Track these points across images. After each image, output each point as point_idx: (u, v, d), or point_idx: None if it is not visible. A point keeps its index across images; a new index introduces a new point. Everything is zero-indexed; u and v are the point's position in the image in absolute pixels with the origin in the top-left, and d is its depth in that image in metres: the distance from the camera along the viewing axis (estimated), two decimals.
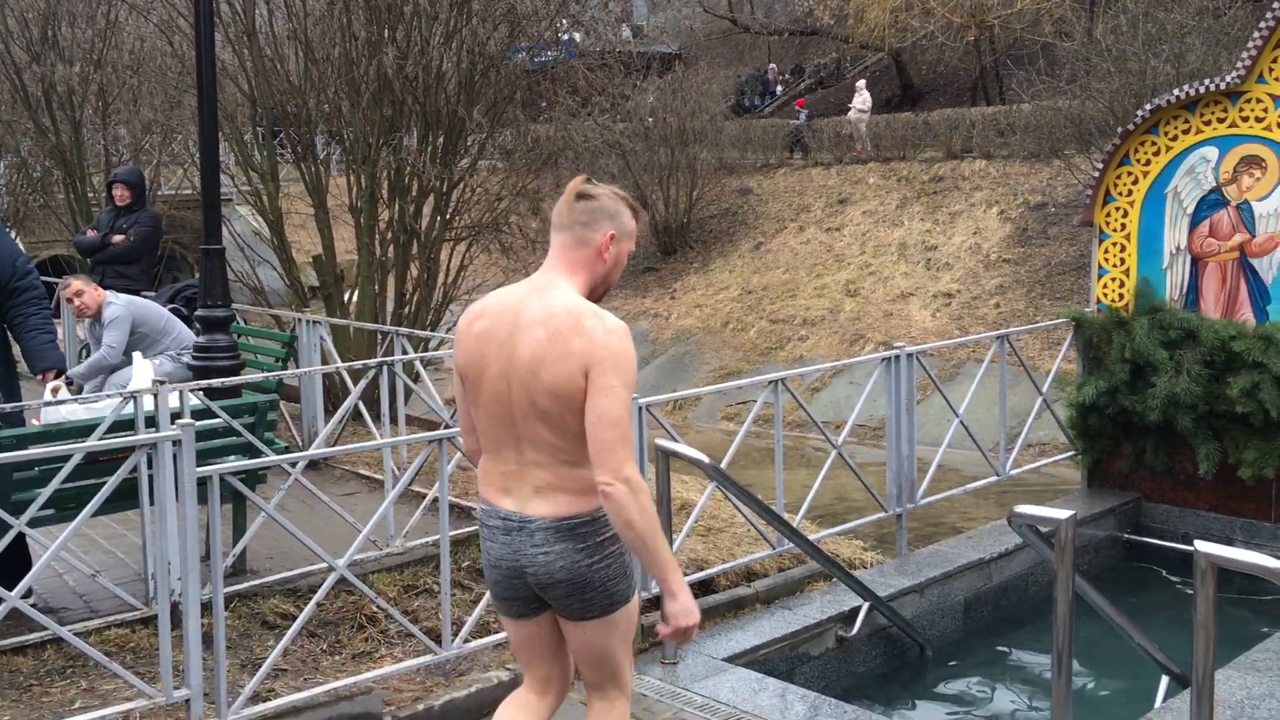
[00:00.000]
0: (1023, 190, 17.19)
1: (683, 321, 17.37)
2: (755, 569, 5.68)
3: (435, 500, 4.48)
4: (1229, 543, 6.66)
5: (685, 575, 5.26)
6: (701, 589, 5.41)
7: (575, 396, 2.63)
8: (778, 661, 5.02)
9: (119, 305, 6.55)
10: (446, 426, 5.37)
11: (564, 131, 9.30)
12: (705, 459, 4.58)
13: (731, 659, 4.78)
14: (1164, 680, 4.63)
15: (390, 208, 9.12)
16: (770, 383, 5.76)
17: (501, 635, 4.44)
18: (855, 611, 5.34)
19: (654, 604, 4.75)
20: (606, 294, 2.91)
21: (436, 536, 4.51)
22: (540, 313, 2.70)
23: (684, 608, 2.71)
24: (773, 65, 29.75)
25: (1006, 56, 22.81)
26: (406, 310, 9.27)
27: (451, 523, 4.46)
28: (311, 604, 3.99)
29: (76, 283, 6.67)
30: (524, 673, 2.99)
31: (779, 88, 29.43)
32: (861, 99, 21.93)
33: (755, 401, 5.70)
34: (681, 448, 4.63)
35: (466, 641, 4.35)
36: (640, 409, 4.92)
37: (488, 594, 3.62)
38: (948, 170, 18.60)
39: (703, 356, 16.17)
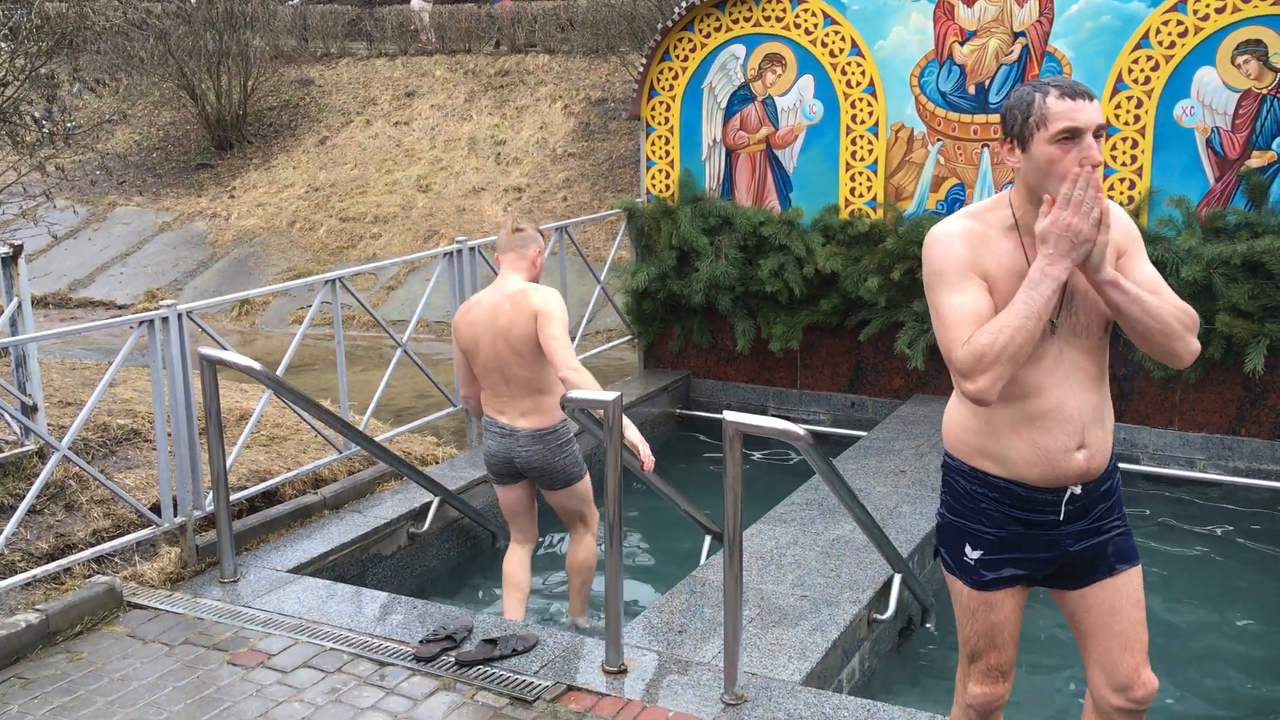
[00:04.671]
0: (584, 85, 17.67)
1: (245, 222, 16.29)
2: (323, 475, 5.52)
3: None
4: (763, 411, 7.41)
5: (246, 487, 5.03)
6: (265, 500, 5.18)
7: (533, 337, 4.24)
8: (349, 566, 4.93)
9: None
10: None
11: (77, 8, 8.19)
12: (257, 365, 4.33)
13: (298, 569, 4.63)
14: (707, 540, 5.07)
15: None
16: (327, 282, 5.54)
17: (28, 575, 4.03)
18: (427, 507, 5.36)
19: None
20: (535, 279, 4.49)
21: None
22: (504, 297, 4.35)
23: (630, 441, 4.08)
24: None
25: None
26: None
27: None
28: None
29: None
30: (510, 527, 4.70)
31: None
32: None
33: (317, 303, 5.46)
34: (229, 355, 4.34)
35: None
36: (180, 316, 4.53)
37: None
38: (513, 64, 18.70)
39: (269, 258, 15.30)
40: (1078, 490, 2.63)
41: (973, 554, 2.71)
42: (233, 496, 4.75)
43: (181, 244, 16.05)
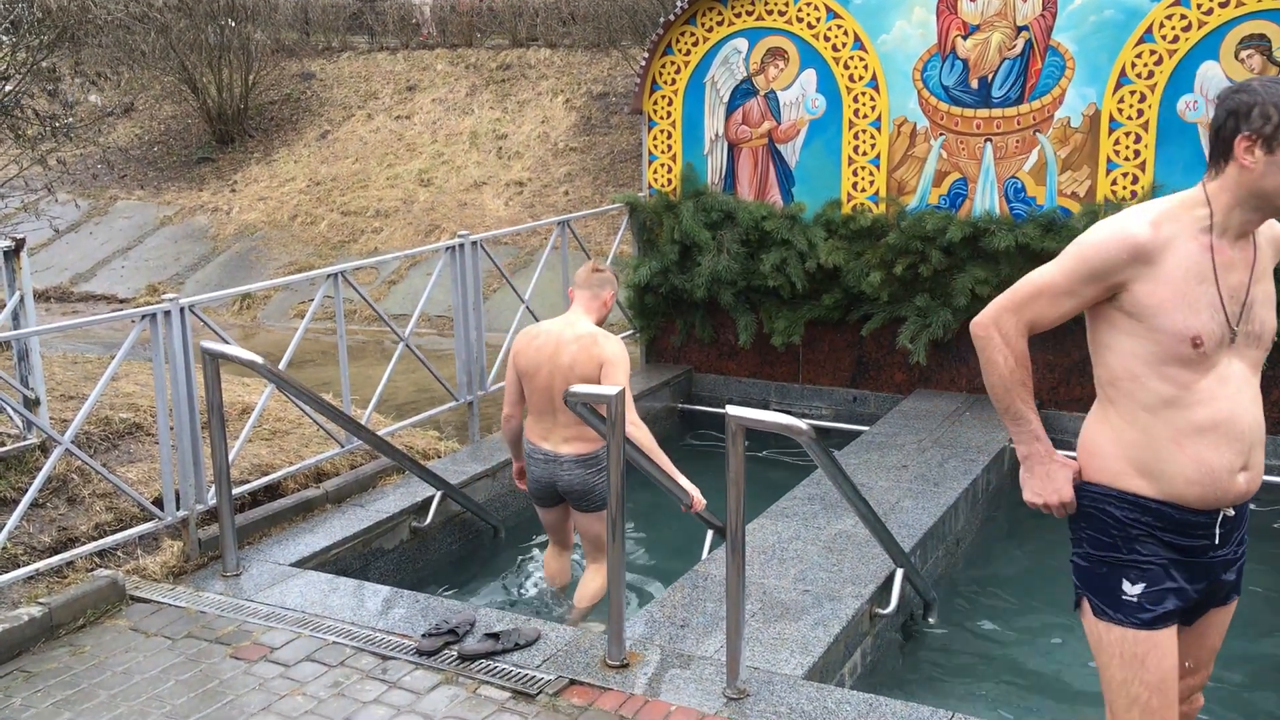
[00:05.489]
0: (586, 80, 17.65)
1: (246, 216, 16.28)
2: (325, 469, 5.52)
3: None
4: (765, 405, 7.40)
5: (248, 481, 5.03)
6: (268, 494, 5.18)
7: (594, 380, 4.36)
8: (351, 560, 4.94)
9: None
10: None
11: (79, 2, 8.16)
12: (259, 359, 4.33)
13: (300, 563, 4.64)
14: (709, 534, 5.07)
15: None
16: (329, 276, 5.53)
17: (30, 569, 4.04)
18: (429, 501, 5.36)
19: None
20: (603, 320, 4.70)
21: None
22: (574, 337, 4.49)
23: (685, 489, 4.45)
24: None
25: None
26: None
27: None
28: None
29: None
30: (550, 539, 5.01)
31: None
32: None
33: (319, 297, 5.45)
34: (230, 349, 4.34)
35: None
36: (182, 310, 4.53)
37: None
38: (515, 58, 18.67)
39: (270, 252, 15.30)
40: (1230, 513, 2.48)
41: (1133, 589, 2.48)
42: (235, 490, 4.75)
43: (183, 238, 16.05)
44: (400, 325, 6.10)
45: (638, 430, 4.35)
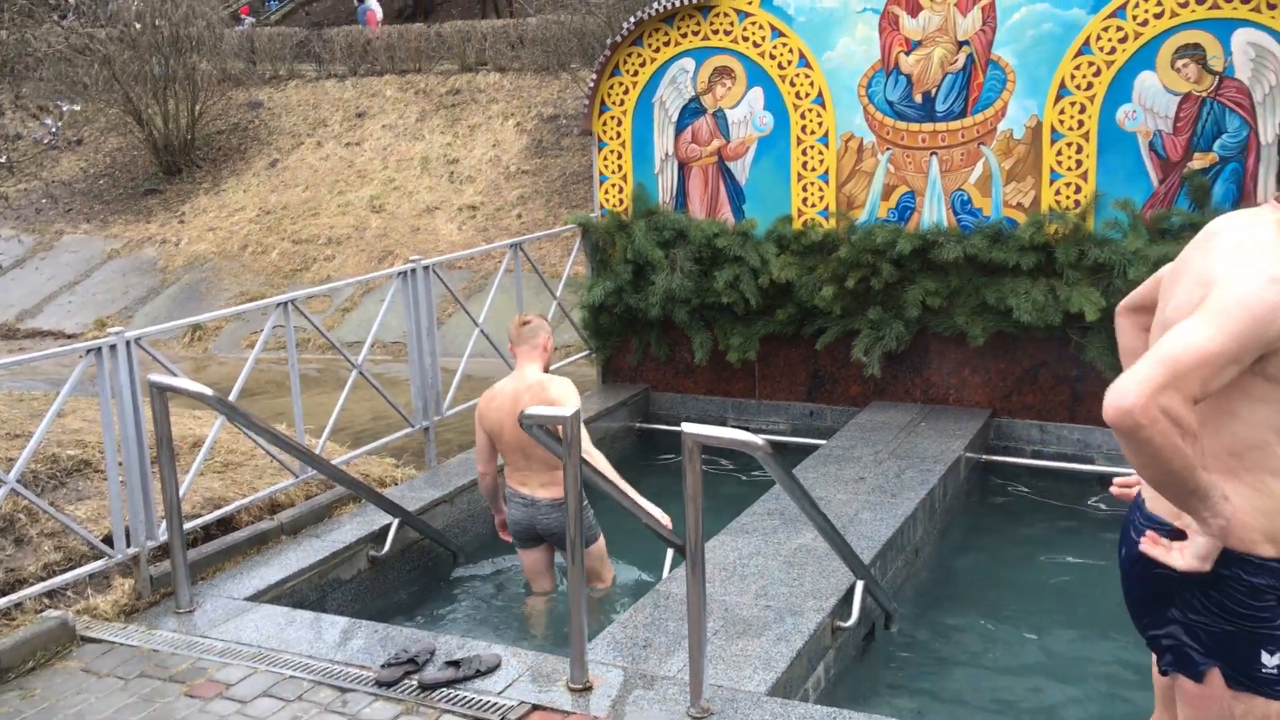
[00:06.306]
0: (536, 103, 17.67)
1: (195, 247, 16.10)
2: (280, 500, 5.45)
3: None
4: (722, 422, 7.42)
5: (200, 515, 4.95)
6: (221, 528, 5.11)
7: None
8: (307, 592, 4.87)
9: None
10: None
11: (18, 36, 8.06)
12: (208, 391, 4.27)
13: (255, 597, 4.56)
14: (669, 553, 5.06)
15: None
16: (279, 305, 5.48)
17: None
18: (387, 529, 5.31)
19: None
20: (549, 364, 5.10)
21: None
22: (525, 388, 4.83)
23: (649, 511, 4.54)
24: None
25: None
26: None
27: None
28: None
29: None
30: (531, 585, 5.21)
31: None
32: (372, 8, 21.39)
33: (268, 326, 5.39)
34: (178, 381, 4.28)
35: None
36: (128, 343, 4.47)
37: None
38: (464, 83, 18.66)
39: (221, 283, 15.13)
40: None
41: (1272, 660, 2.31)
42: (187, 525, 4.67)
43: (131, 271, 15.84)
44: (354, 352, 6.05)
45: (591, 457, 4.59)
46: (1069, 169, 6.49)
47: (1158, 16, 6.16)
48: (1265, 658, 2.31)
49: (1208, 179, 6.19)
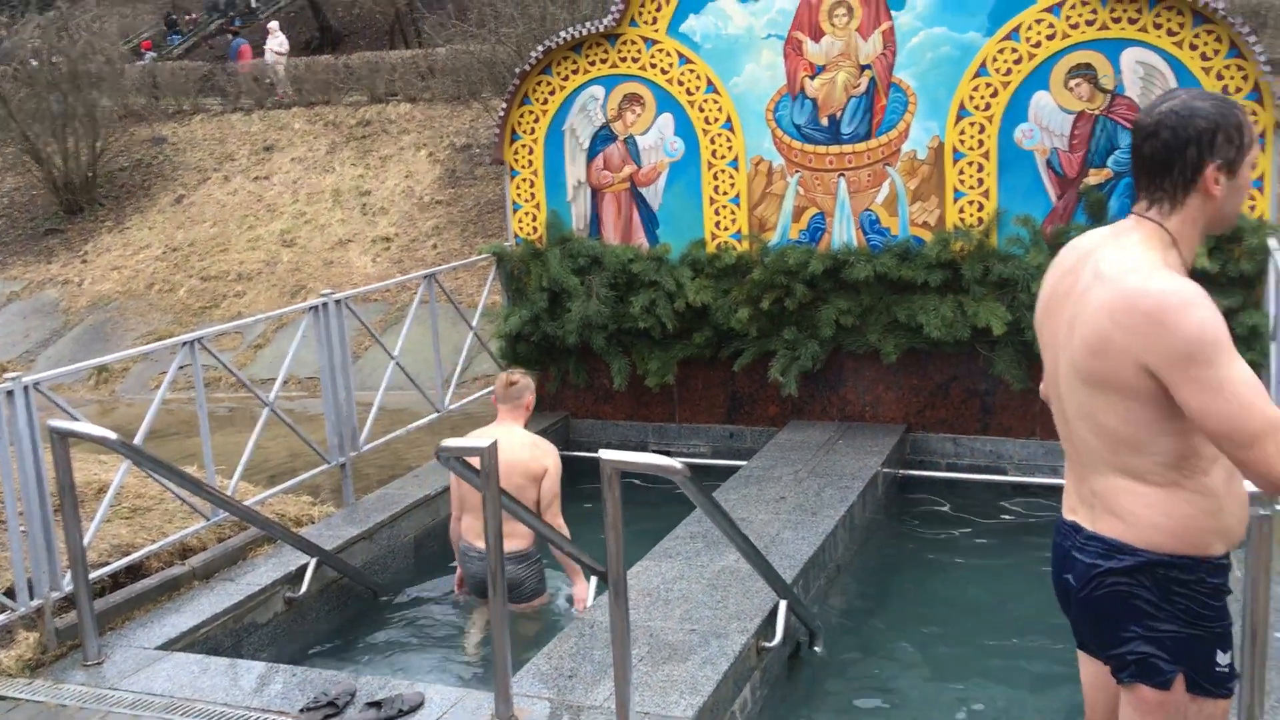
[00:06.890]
0: (448, 132, 17.58)
1: (99, 287, 15.67)
2: (191, 544, 5.30)
3: None
4: (643, 447, 7.42)
5: (108, 563, 4.79)
6: (130, 575, 4.95)
7: (533, 480, 5.01)
8: (222, 638, 4.74)
9: None
10: None
11: None
12: (111, 434, 4.15)
13: (167, 645, 4.43)
14: (593, 580, 5.03)
15: None
16: (186, 344, 5.35)
17: None
18: (304, 569, 5.19)
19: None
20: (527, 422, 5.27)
21: None
22: (509, 449, 4.70)
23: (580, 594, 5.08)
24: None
25: (420, 0, 23.13)
26: None
27: None
28: None
29: None
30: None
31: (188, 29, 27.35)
32: (277, 41, 21.09)
33: (174, 366, 5.26)
34: (80, 426, 4.16)
35: None
36: (25, 388, 4.32)
37: None
38: (374, 114, 18.50)
39: (127, 323, 14.73)
40: None
41: (1224, 658, 2.35)
42: (93, 574, 4.52)
43: (32, 313, 15.35)
44: (267, 389, 5.93)
45: (556, 520, 5.00)
46: (971, 187, 6.65)
47: (1050, 38, 6.36)
48: (1219, 656, 2.35)
49: (1104, 194, 6.39)
